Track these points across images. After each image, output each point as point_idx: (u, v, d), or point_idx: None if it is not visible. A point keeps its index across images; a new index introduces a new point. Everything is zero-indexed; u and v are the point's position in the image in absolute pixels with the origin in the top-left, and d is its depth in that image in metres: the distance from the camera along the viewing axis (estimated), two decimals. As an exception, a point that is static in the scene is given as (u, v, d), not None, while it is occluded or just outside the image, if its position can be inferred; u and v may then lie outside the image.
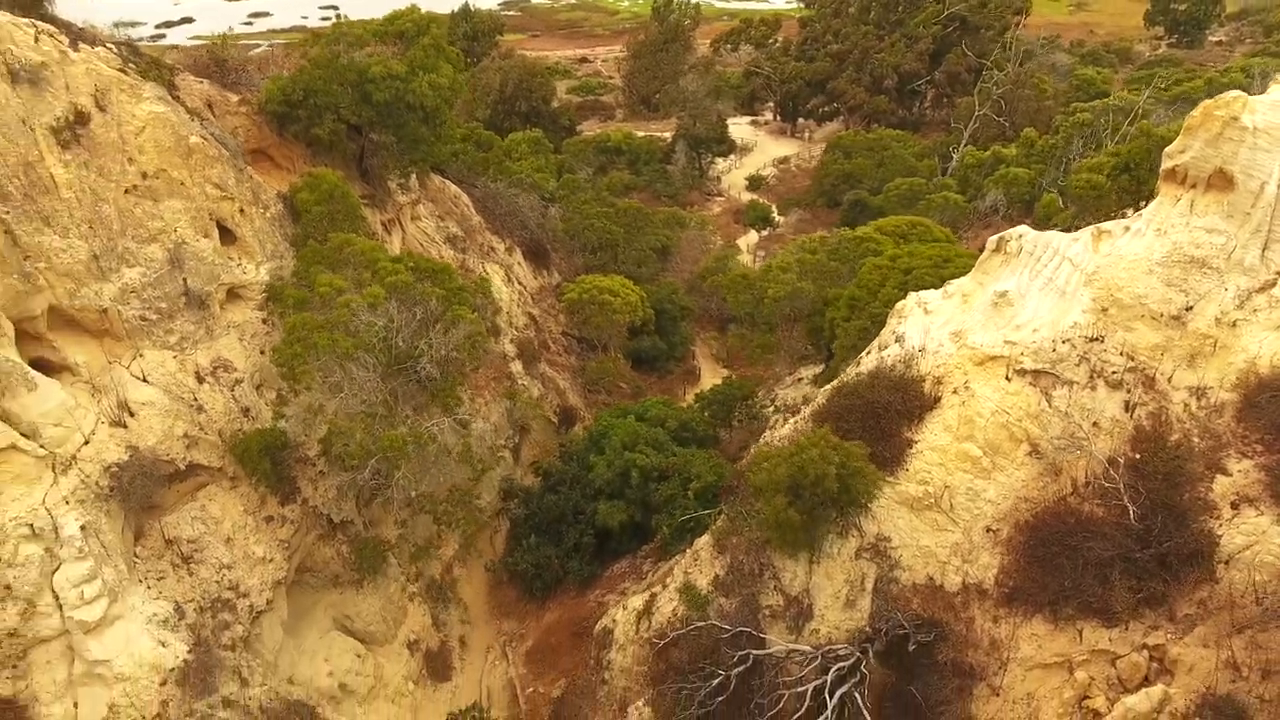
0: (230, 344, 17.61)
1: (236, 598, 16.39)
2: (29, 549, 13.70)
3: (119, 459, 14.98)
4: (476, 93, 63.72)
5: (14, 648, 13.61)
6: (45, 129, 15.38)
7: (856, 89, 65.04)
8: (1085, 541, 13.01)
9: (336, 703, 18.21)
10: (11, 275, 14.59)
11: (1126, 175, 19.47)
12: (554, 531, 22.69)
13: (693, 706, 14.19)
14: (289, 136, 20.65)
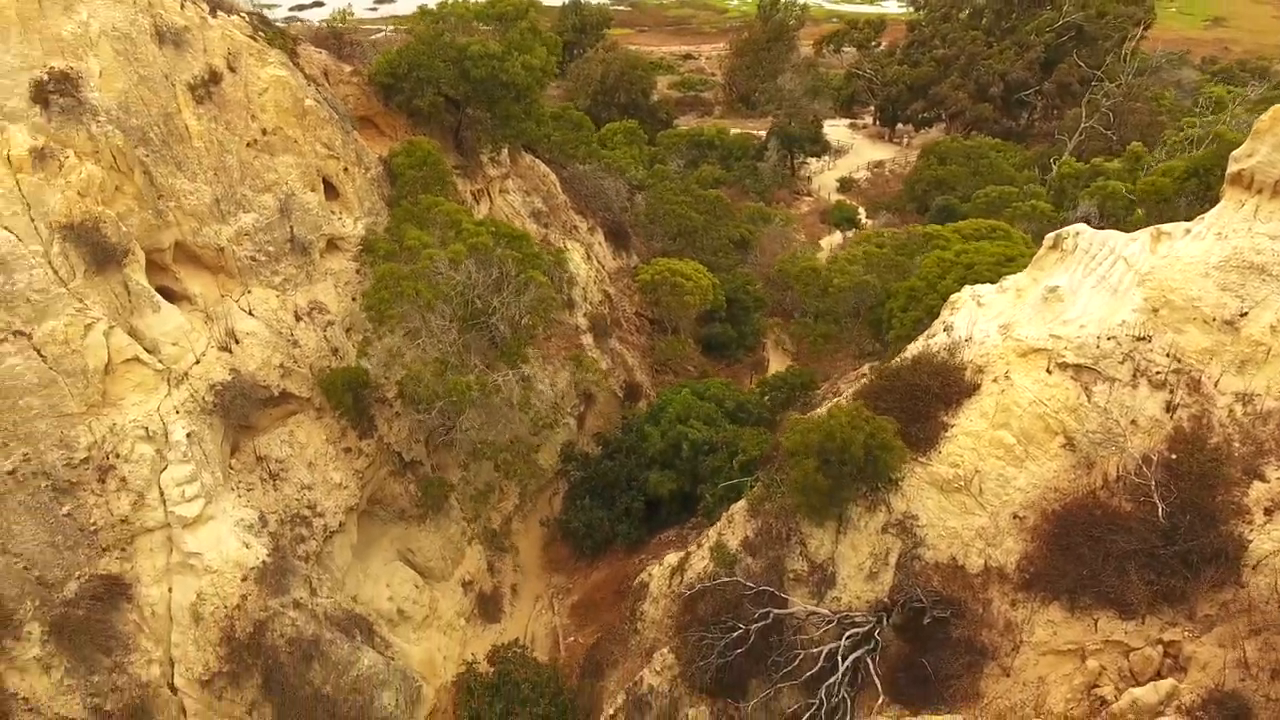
0: (326, 289, 19.43)
1: (313, 516, 18.18)
2: (143, 448, 15.70)
3: (223, 379, 16.91)
4: (578, 82, 65.70)
5: (124, 533, 15.62)
6: (184, 85, 17.44)
7: (960, 95, 63.76)
8: (1110, 534, 13.21)
9: (393, 625, 19.85)
10: (147, 211, 16.67)
11: (1195, 180, 19.04)
12: (607, 495, 23.83)
13: (712, 655, 15.05)
14: (393, 106, 22.43)
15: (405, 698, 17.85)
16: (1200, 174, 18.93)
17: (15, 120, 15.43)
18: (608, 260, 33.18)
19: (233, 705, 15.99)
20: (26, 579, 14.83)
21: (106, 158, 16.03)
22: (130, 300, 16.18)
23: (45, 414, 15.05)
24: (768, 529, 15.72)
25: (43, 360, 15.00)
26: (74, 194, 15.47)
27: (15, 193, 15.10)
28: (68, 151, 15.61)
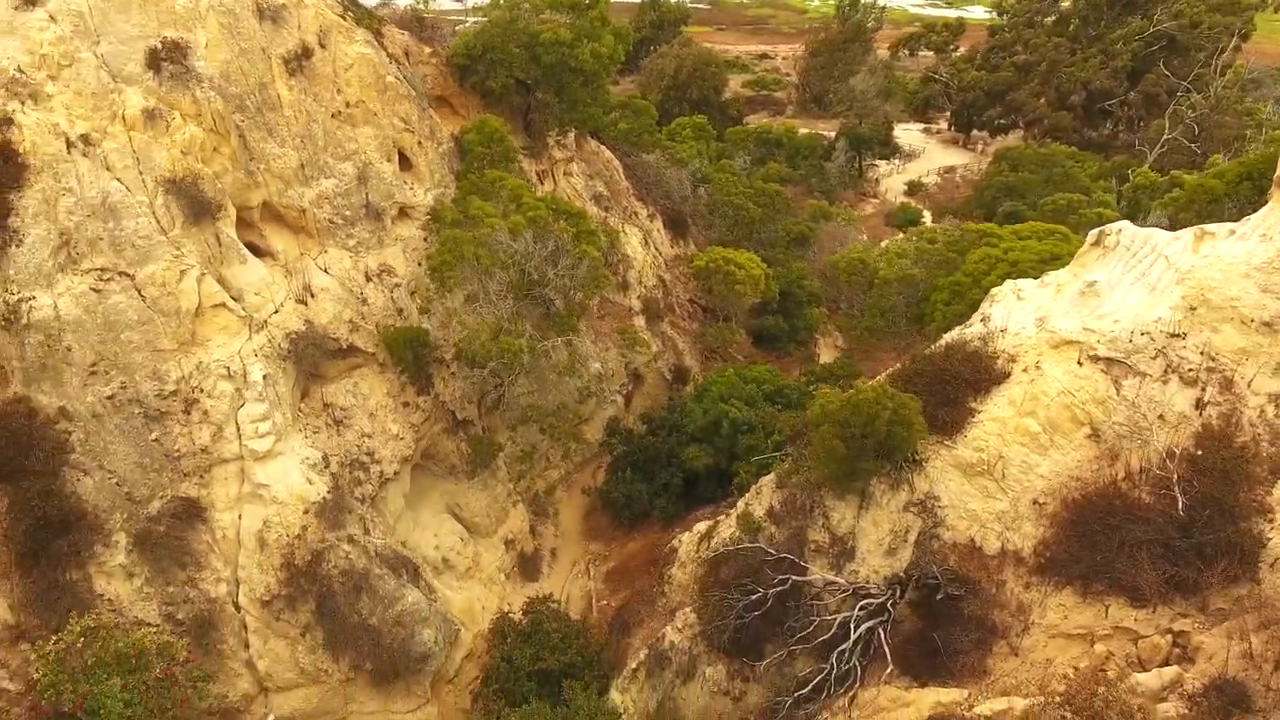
0: (395, 253, 20.80)
1: (371, 462, 19.57)
2: (224, 386, 17.26)
3: (298, 329, 18.39)
4: (650, 77, 66.66)
5: (203, 461, 17.21)
6: (279, 58, 18.98)
7: (1039, 102, 62.59)
8: (1127, 524, 13.50)
9: (438, 572, 21.13)
10: (240, 171, 18.25)
11: (1249, 183, 18.79)
12: (648, 470, 24.71)
13: (730, 616, 15.81)
14: (467, 87, 23.72)
15: (444, 637, 19.09)
16: (1254, 177, 18.72)
17: (131, 83, 17.14)
18: (665, 247, 34.05)
19: (288, 626, 17.44)
20: (117, 494, 16.51)
21: (207, 121, 17.63)
22: (221, 251, 17.77)
23: (142, 348, 16.70)
24: (792, 500, 16.40)
25: (142, 300, 16.65)
26: (178, 152, 17.10)
27: (128, 148, 16.81)
28: (174, 113, 17.26)
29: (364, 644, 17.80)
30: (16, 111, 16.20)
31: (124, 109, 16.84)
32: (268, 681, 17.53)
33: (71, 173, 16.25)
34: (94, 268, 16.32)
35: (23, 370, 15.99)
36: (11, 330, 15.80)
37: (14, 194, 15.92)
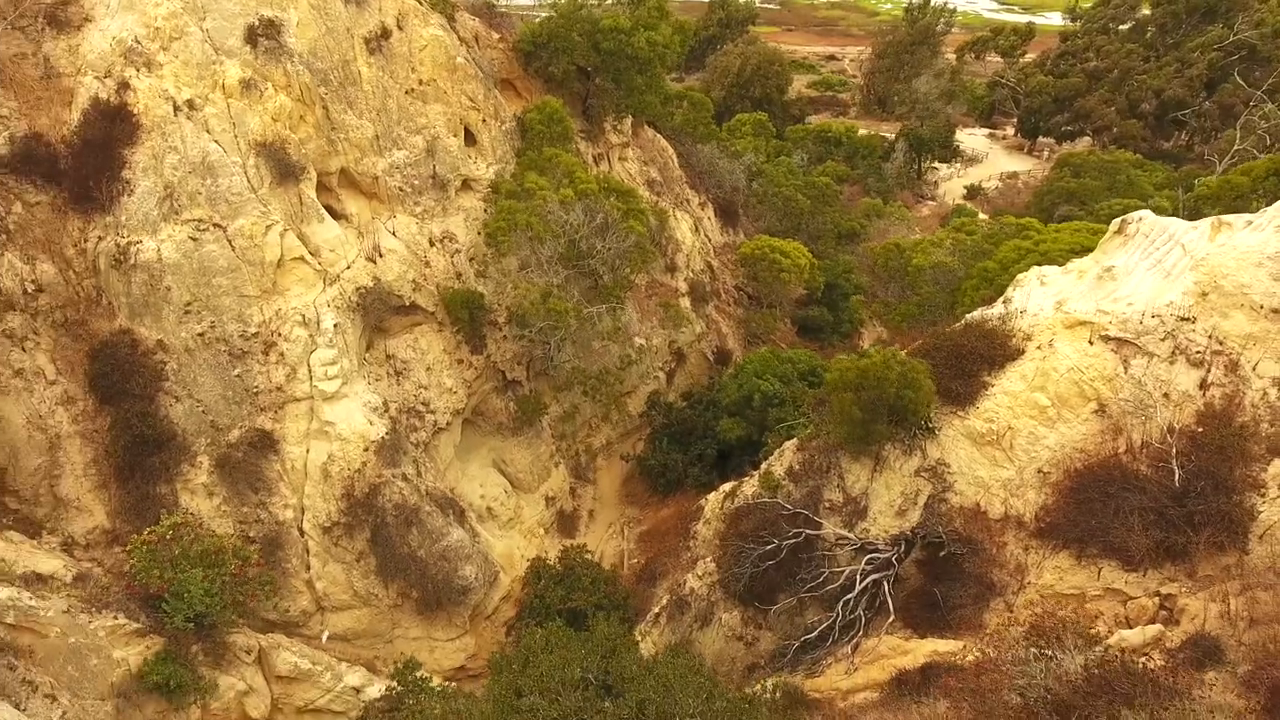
0: (457, 222, 22.48)
1: (426, 411, 21.28)
2: (299, 331, 19.12)
3: (367, 284, 20.17)
4: (714, 74, 67.69)
5: (278, 398, 19.10)
6: (360, 38, 20.79)
7: (1107, 110, 61.62)
8: (1124, 492, 14.26)
9: (482, 520, 22.75)
10: (322, 139, 20.10)
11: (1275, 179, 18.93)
12: (684, 441, 25.96)
13: (746, 564, 16.98)
14: (531, 72, 25.30)
15: (484, 576, 20.68)
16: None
17: (230, 56, 19.11)
18: (715, 235, 35.19)
19: (344, 552, 19.23)
20: (203, 421, 18.50)
21: (296, 92, 19.51)
22: (302, 210, 19.65)
23: (230, 293, 18.66)
24: (811, 461, 17.48)
25: (232, 250, 18.61)
26: (269, 119, 19.02)
27: (225, 114, 18.78)
28: (267, 84, 19.18)
29: (411, 573, 19.48)
30: (133, 77, 18.31)
31: (224, 78, 18.80)
32: (324, 601, 19.35)
33: (177, 133, 18.28)
34: (192, 218, 18.32)
35: (128, 305, 18.09)
36: (121, 269, 17.91)
37: (128, 150, 18.03)
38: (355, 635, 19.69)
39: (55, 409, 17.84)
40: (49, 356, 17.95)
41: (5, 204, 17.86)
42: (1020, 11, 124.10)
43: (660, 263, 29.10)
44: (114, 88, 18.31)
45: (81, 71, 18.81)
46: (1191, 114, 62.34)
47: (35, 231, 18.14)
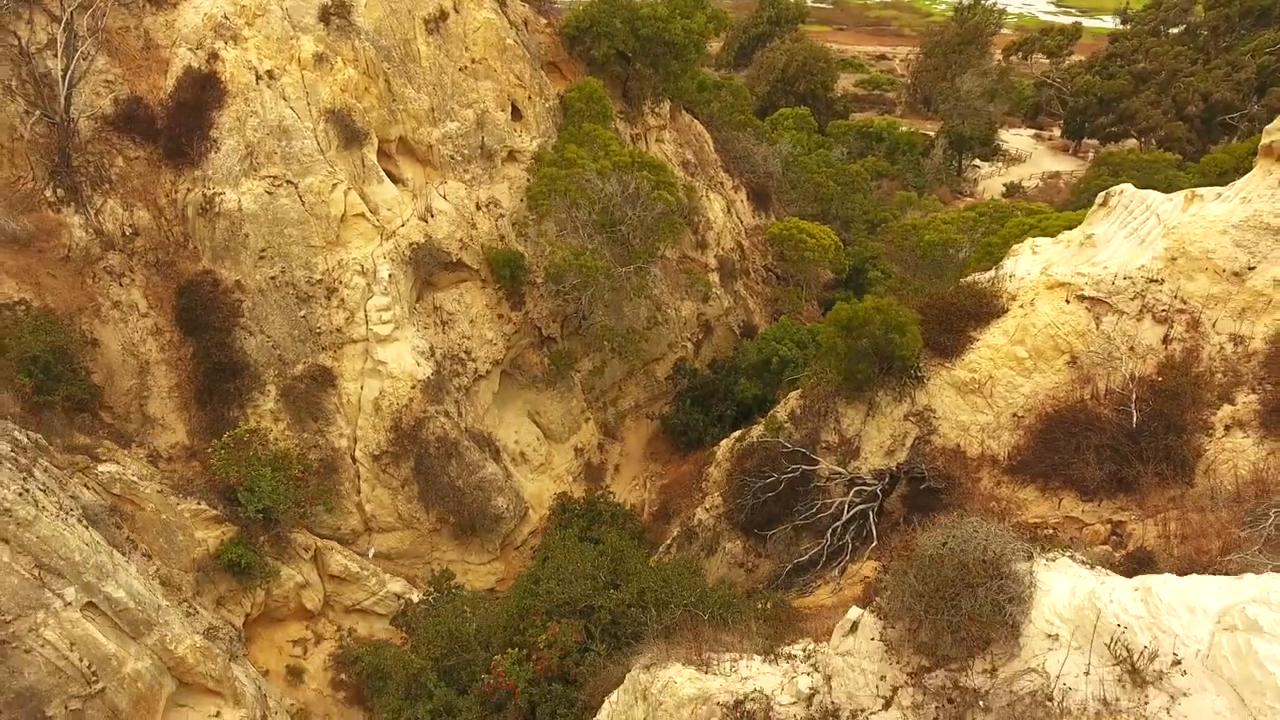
0: (502, 190, 24.62)
1: (468, 359, 23.45)
2: (358, 280, 21.41)
3: (419, 240, 22.40)
4: (760, 70, 69.10)
5: (338, 339, 21.42)
6: (420, 19, 23.04)
7: (1153, 111, 61.50)
8: (1085, 432, 15.73)
9: (515, 463, 24.85)
10: (384, 109, 22.39)
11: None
12: (706, 403, 27.75)
13: (749, 497, 18.75)
14: (575, 55, 27.33)
15: (515, 509, 22.77)
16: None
17: (306, 32, 21.49)
18: (747, 217, 36.87)
19: (391, 479, 21.47)
20: (272, 355, 20.91)
21: (362, 66, 21.82)
22: (364, 172, 21.96)
23: (298, 242, 21.04)
24: (811, 406, 19.18)
25: (302, 204, 20.97)
26: (338, 89, 21.35)
27: (300, 84, 21.15)
28: (337, 58, 21.52)
29: (450, 501, 21.65)
30: (221, 49, 20.80)
31: (299, 52, 21.19)
32: (372, 522, 21.63)
33: (258, 99, 20.71)
34: (269, 175, 20.74)
35: (211, 249, 20.58)
36: (206, 217, 20.40)
37: (216, 112, 20.51)
38: (398, 555, 21.92)
39: (146, 338, 20.39)
40: (142, 292, 20.52)
41: (109, 157, 20.49)
42: (1078, 14, 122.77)
43: (691, 238, 30.93)
44: (205, 58, 20.82)
45: (176, 43, 21.36)
46: (1240, 117, 61.85)
47: (133, 182, 20.74)
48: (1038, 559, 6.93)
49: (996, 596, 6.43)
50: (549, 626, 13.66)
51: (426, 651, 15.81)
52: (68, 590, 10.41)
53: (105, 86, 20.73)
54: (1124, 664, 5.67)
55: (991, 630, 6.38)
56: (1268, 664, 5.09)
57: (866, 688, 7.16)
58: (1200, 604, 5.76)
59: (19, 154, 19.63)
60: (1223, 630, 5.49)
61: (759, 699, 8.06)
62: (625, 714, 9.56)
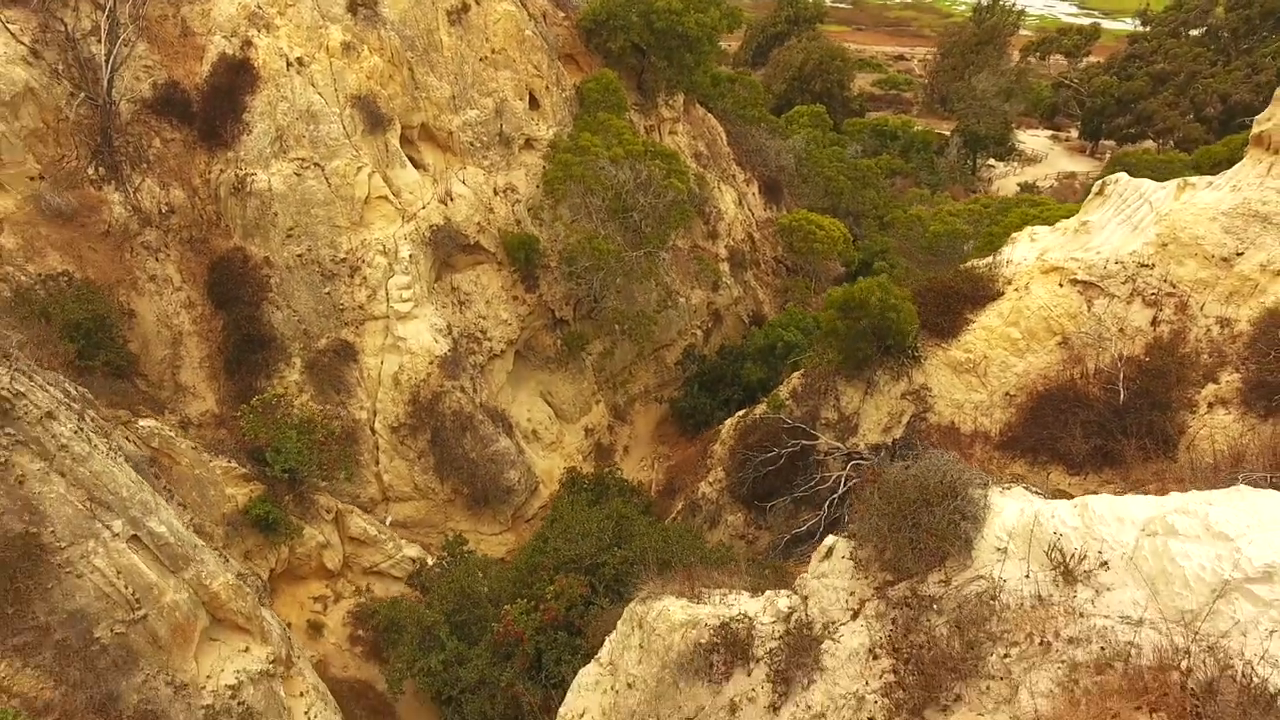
0: (519, 176, 25.49)
1: (484, 339, 24.34)
2: (379, 259, 22.35)
3: (438, 223, 23.31)
4: (777, 68, 69.69)
5: (360, 315, 22.36)
6: (443, 10, 23.94)
7: (1170, 113, 61.61)
8: (1074, 409, 16.38)
9: (528, 440, 25.72)
10: (407, 97, 23.31)
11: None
12: (713, 388, 28.52)
13: (750, 470, 19.51)
14: (591, 47, 28.17)
15: (526, 482, 23.63)
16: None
17: (334, 22, 22.44)
18: (758, 210, 37.58)
19: (408, 450, 22.39)
20: (298, 329, 21.88)
21: (387, 54, 22.74)
22: (387, 156, 22.89)
23: (324, 222, 21.99)
24: (811, 384, 19.91)
25: (328, 186, 21.92)
26: (364, 76, 22.29)
27: (328, 71, 22.10)
28: (364, 46, 22.46)
29: (464, 472, 22.53)
30: (255, 37, 21.79)
31: (328, 41, 22.14)
32: (390, 491, 22.55)
33: (288, 85, 21.68)
34: (297, 157, 21.71)
35: (242, 227, 21.57)
36: (238, 196, 21.39)
37: (249, 96, 21.50)
38: (414, 523, 22.84)
39: (179, 311, 21.41)
40: (176, 267, 21.54)
41: (147, 139, 21.52)
42: (1100, 16, 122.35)
43: (702, 228, 31.70)
44: (238, 45, 21.82)
45: (211, 31, 22.36)
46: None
47: (170, 162, 21.76)
48: (993, 487, 7.68)
49: (952, 515, 7.19)
50: (556, 579, 14.47)
51: (440, 606, 16.69)
52: (116, 523, 11.33)
53: (144, 71, 21.76)
54: (1059, 567, 6.41)
55: (947, 544, 7.14)
56: (1179, 559, 5.82)
57: (838, 603, 7.94)
58: (1129, 515, 6.50)
59: (64, 134, 20.67)
60: (1146, 536, 6.23)
61: (743, 620, 8.85)
62: (623, 643, 10.37)
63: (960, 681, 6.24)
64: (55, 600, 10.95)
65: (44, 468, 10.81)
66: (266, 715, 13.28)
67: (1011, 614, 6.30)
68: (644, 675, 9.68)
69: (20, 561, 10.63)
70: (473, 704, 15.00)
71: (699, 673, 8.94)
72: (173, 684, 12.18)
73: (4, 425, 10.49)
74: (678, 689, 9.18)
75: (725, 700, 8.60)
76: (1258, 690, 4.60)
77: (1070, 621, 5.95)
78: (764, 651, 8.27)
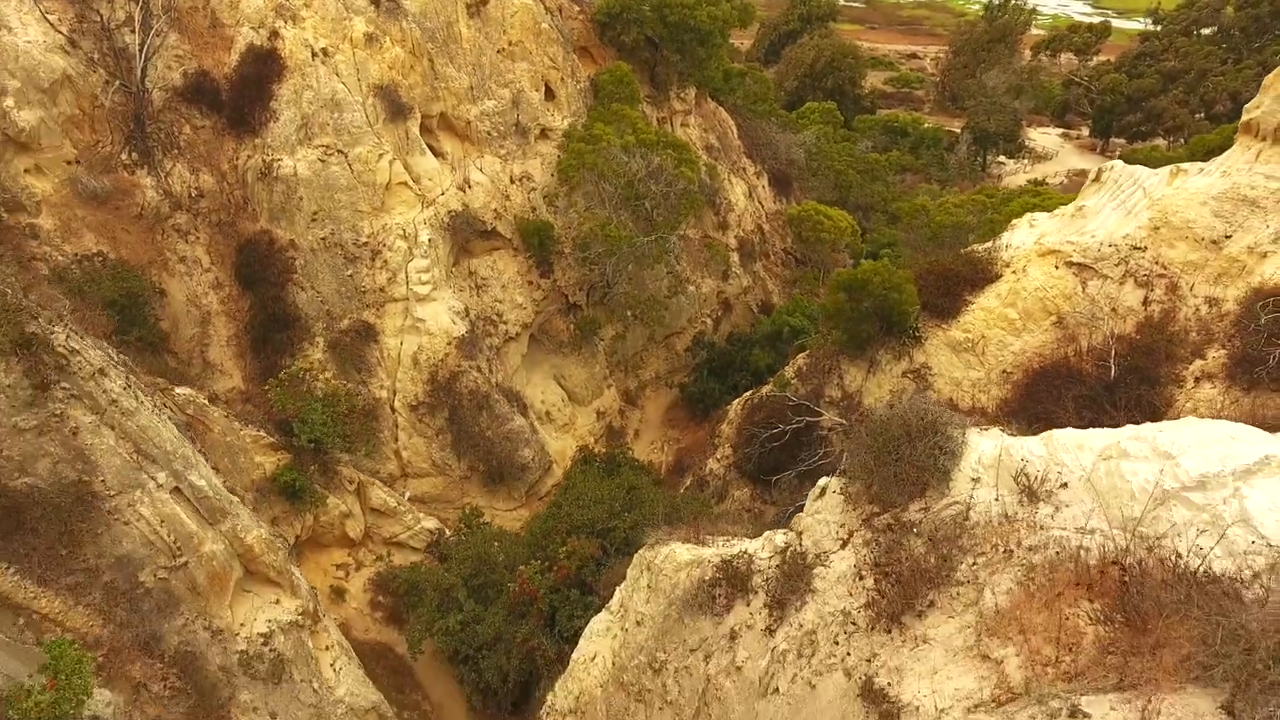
0: (534, 165, 26.27)
1: (500, 321, 25.14)
2: (400, 243, 23.17)
3: (457, 209, 24.12)
4: (789, 66, 70.24)
5: (380, 297, 23.19)
6: (462, 3, 24.76)
7: (1180, 110, 61.84)
8: (1067, 384, 17.00)
9: (541, 422, 26.49)
10: (427, 87, 24.13)
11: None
12: (722, 373, 29.23)
13: (756, 446, 20.21)
14: (605, 41, 28.91)
15: (540, 461, 24.40)
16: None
17: (358, 14, 23.28)
18: (768, 202, 38.23)
19: (426, 427, 23.21)
20: (321, 309, 22.73)
21: (408, 46, 23.56)
22: (408, 144, 23.71)
23: (347, 207, 22.84)
24: (816, 363, 20.59)
25: (351, 172, 22.77)
26: (386, 66, 23.12)
27: (351, 61, 22.95)
28: (386, 38, 23.29)
29: (480, 449, 23.33)
30: (282, 29, 22.66)
31: (352, 32, 22.98)
32: (408, 468, 23.38)
33: (313, 74, 22.53)
34: (322, 144, 22.56)
35: (269, 210, 22.45)
36: (265, 181, 22.26)
37: (275, 86, 22.37)
38: (431, 499, 23.65)
39: (208, 291, 22.31)
40: (205, 249, 22.44)
41: (178, 125, 22.43)
42: (1113, 15, 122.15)
43: (713, 219, 32.40)
44: (266, 36, 22.69)
45: (239, 22, 23.24)
46: (1269, 117, 61.83)
47: (200, 149, 22.66)
48: (971, 429, 8.38)
49: (932, 450, 7.89)
50: (569, 541, 15.22)
51: (457, 571, 17.47)
52: (160, 474, 12.15)
53: (176, 61, 22.67)
54: (1024, 489, 7.11)
55: (927, 475, 7.85)
56: (1128, 476, 6.50)
57: (829, 535, 8.65)
58: (1089, 443, 7.18)
59: (99, 120, 21.61)
60: (1102, 460, 6.91)
61: (744, 557, 9.57)
62: (632, 586, 11.12)
63: (934, 590, 6.93)
64: (104, 545, 11.78)
65: (95, 421, 11.64)
66: (296, 663, 14.09)
67: (981, 530, 7.00)
68: (651, 613, 10.41)
69: (74, 507, 11.47)
70: (489, 660, 15.76)
71: (702, 607, 9.66)
72: (210, 629, 13.01)
73: (60, 380, 11.34)
74: (682, 624, 9.91)
75: (726, 630, 9.32)
76: (1180, 571, 5.26)
77: (1031, 533, 6.64)
78: (761, 582, 8.98)
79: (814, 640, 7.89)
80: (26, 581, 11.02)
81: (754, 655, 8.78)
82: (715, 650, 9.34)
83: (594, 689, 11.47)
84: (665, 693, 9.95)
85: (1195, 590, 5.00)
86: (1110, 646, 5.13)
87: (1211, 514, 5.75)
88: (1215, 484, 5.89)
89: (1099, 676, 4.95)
